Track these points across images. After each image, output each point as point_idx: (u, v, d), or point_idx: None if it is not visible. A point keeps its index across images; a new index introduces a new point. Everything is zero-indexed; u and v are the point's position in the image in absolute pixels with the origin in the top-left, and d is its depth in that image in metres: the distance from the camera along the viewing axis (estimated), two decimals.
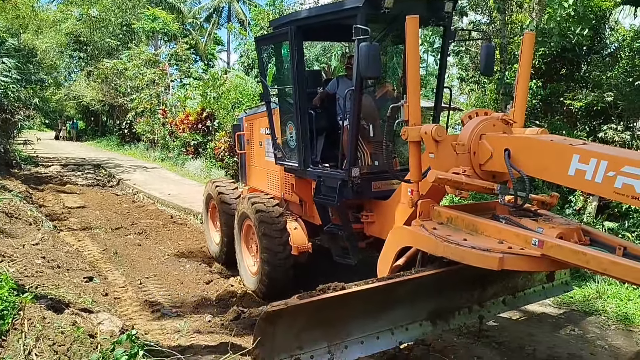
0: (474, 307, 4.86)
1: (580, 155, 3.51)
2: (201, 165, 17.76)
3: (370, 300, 4.21)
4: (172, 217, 11.53)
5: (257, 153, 7.74)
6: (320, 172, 5.92)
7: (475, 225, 4.21)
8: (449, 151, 4.40)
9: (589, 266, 3.40)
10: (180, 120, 19.90)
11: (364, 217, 5.86)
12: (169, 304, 6.38)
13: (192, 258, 8.33)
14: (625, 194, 3.23)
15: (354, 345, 4.16)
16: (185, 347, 5.12)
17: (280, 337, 3.81)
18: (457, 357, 4.90)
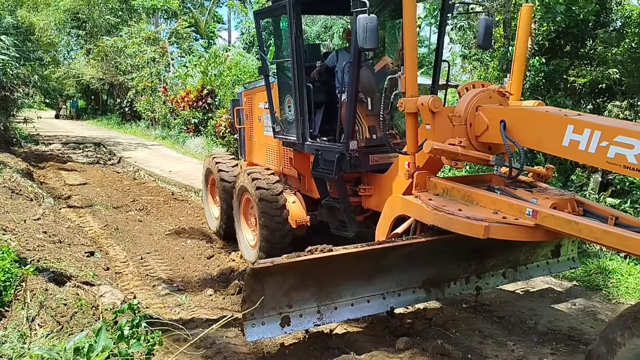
0: (471, 278, 4.96)
1: (575, 125, 3.54)
2: (202, 143, 17.70)
3: (360, 264, 4.36)
4: (173, 194, 11.52)
5: (256, 128, 7.72)
6: (319, 145, 5.91)
7: (470, 195, 4.28)
8: (445, 123, 4.44)
9: (582, 235, 3.46)
10: (180, 98, 19.79)
11: (361, 190, 5.89)
12: (170, 279, 6.39)
13: (193, 234, 8.33)
14: (618, 163, 3.27)
15: (343, 307, 4.34)
16: (186, 321, 5.14)
17: (269, 294, 3.98)
18: (458, 331, 4.91)
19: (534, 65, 10.43)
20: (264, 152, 7.47)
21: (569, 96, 10.52)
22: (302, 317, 4.19)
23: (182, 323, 5.05)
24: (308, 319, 4.22)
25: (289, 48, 5.92)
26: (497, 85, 4.66)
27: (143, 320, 3.39)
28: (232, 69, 18.32)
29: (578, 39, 10.70)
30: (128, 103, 28.15)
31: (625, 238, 3.21)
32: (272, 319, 4.09)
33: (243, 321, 4.08)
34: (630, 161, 3.20)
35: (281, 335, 4.37)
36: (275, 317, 4.11)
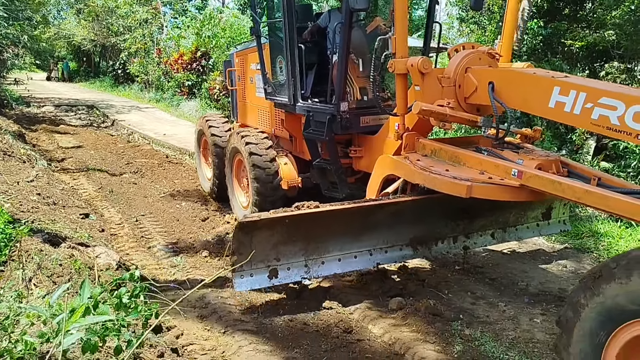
0: (459, 238, 5.10)
1: (561, 87, 3.56)
2: (196, 106, 17.55)
3: (348, 221, 4.52)
4: (167, 156, 11.48)
5: (248, 89, 7.68)
6: (310, 107, 5.90)
7: (457, 156, 4.35)
8: (434, 84, 4.46)
9: (565, 195, 3.53)
10: (174, 60, 19.51)
11: (352, 152, 5.93)
12: (166, 240, 6.42)
13: (188, 196, 8.34)
14: (601, 124, 3.32)
15: (331, 262, 4.55)
16: (182, 282, 5.17)
17: (257, 248, 4.19)
18: (450, 292, 4.98)
19: (532, 28, 10.30)
20: (256, 113, 7.44)
21: (566, 60, 10.44)
22: (290, 270, 4.42)
23: (178, 284, 5.10)
24: (295, 272, 4.44)
25: (280, 7, 5.86)
26: (487, 47, 4.66)
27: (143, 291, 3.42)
28: (226, 30, 18.02)
29: (577, 2, 10.55)
30: (121, 65, 27.74)
31: (606, 198, 3.29)
32: (260, 271, 4.32)
33: (232, 272, 4.28)
34: (613, 122, 3.25)
35: (269, 286, 4.56)
36: (263, 270, 4.34)
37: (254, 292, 4.88)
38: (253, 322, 4.36)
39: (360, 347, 4.01)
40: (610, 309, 2.76)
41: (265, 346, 4.00)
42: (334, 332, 4.19)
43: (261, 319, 4.41)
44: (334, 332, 4.18)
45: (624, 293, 2.69)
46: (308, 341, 4.07)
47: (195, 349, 3.95)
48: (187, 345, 3.98)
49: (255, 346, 3.98)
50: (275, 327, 4.29)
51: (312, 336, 4.14)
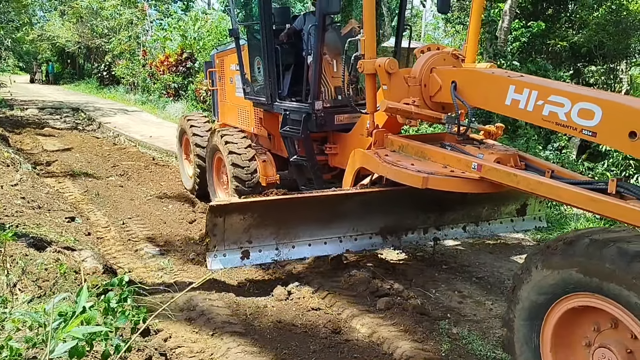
0: (430, 230, 5.32)
1: (516, 86, 3.79)
2: (182, 108, 17.48)
3: (317, 209, 4.83)
4: (153, 159, 11.42)
5: (228, 89, 7.87)
6: (287, 106, 6.12)
7: (423, 152, 4.59)
8: (401, 83, 4.72)
9: (519, 186, 3.74)
10: (160, 62, 19.42)
11: (328, 149, 6.14)
12: (153, 243, 6.39)
13: (175, 198, 8.30)
14: (551, 120, 3.54)
15: (301, 247, 4.84)
16: (169, 284, 5.15)
17: (230, 230, 4.54)
18: (438, 291, 5.02)
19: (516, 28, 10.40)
20: (236, 113, 7.64)
21: (550, 60, 10.56)
22: (261, 252, 4.72)
23: (165, 287, 5.08)
24: (266, 254, 4.74)
25: (257, 10, 6.08)
26: (451, 48, 4.92)
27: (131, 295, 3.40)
28: (211, 32, 17.98)
29: (560, 2, 10.67)
30: (106, 67, 27.53)
31: (556, 188, 3.51)
32: (233, 252, 4.63)
33: (206, 252, 4.61)
34: (561, 118, 3.46)
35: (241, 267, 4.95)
36: (236, 251, 4.65)
37: (242, 295, 4.88)
38: (241, 323, 4.36)
39: (349, 347, 4.02)
40: (530, 309, 3.09)
41: (253, 348, 4.00)
42: (322, 332, 4.19)
43: (249, 321, 4.41)
44: (322, 333, 4.18)
45: (531, 289, 3.05)
46: (296, 342, 4.07)
47: (183, 352, 3.94)
48: (175, 348, 3.96)
49: (243, 348, 3.98)
50: (264, 329, 4.29)
51: (300, 337, 4.15)
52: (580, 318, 2.96)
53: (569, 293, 2.89)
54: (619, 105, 3.21)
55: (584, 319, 2.95)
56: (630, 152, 3.27)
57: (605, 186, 3.33)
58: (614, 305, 2.68)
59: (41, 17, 32.46)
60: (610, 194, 3.27)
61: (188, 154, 8.63)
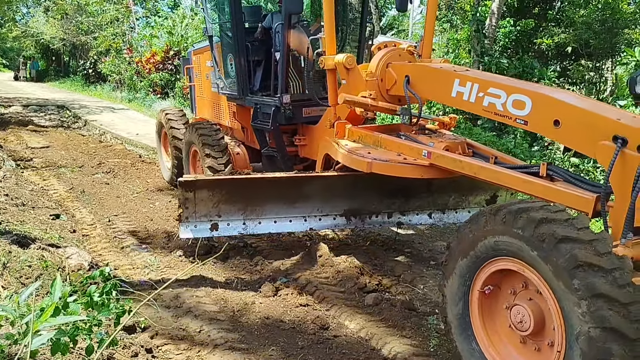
0: (394, 214, 5.52)
1: (460, 79, 4.08)
2: (169, 105, 17.33)
3: (281, 189, 5.17)
4: (140, 156, 11.32)
5: (204, 85, 8.17)
6: (257, 99, 6.41)
7: (379, 141, 4.87)
8: (359, 78, 5.04)
9: (464, 171, 4.02)
10: (146, 60, 19.27)
11: (297, 140, 6.43)
12: (139, 240, 6.32)
13: (162, 195, 8.22)
14: (490, 110, 3.84)
15: (267, 223, 5.16)
16: (156, 281, 5.10)
17: (200, 204, 4.92)
18: (426, 287, 5.01)
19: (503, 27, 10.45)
20: (212, 107, 7.99)
21: (537, 58, 10.62)
22: (229, 226, 5.06)
23: (152, 284, 5.03)
24: (234, 227, 5.08)
25: (228, 9, 6.36)
26: (407, 43, 5.25)
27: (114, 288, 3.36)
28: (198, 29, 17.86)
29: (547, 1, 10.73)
30: (92, 64, 27.25)
31: (496, 172, 3.85)
32: (203, 224, 4.99)
33: (178, 222, 4.96)
34: (498, 108, 3.76)
35: (209, 237, 5.33)
36: (205, 222, 4.99)
37: (229, 292, 4.84)
38: (228, 320, 4.32)
39: (337, 342, 4.01)
40: (460, 274, 3.46)
41: (241, 344, 3.97)
42: (311, 328, 4.17)
43: (237, 317, 4.37)
44: (310, 329, 4.16)
45: (463, 255, 3.41)
46: (284, 338, 4.05)
47: (170, 349, 3.89)
48: (161, 345, 3.91)
49: (231, 344, 3.94)
50: (251, 325, 4.25)
51: (289, 333, 4.13)
52: (501, 284, 3.34)
53: (492, 258, 3.23)
54: (545, 97, 3.54)
55: (504, 284, 3.32)
56: (555, 138, 3.65)
57: (538, 169, 3.67)
58: (524, 266, 3.03)
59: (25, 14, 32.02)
60: (541, 176, 3.62)
61: (166, 147, 8.85)
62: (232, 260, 5.61)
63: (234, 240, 6.02)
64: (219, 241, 5.95)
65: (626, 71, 8.05)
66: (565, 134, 3.43)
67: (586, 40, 9.94)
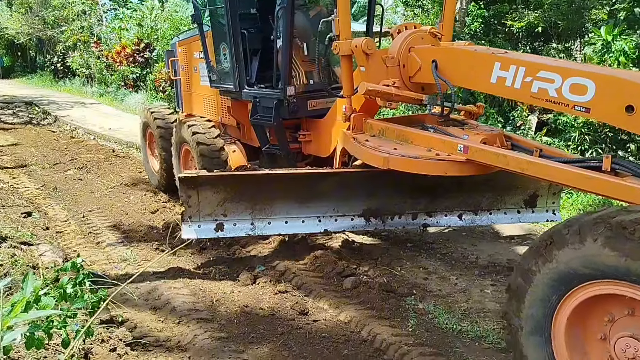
0: (419, 215, 5.14)
1: (501, 62, 3.66)
2: (142, 99, 17.07)
3: (293, 187, 4.79)
4: (113, 150, 11.16)
5: (192, 78, 7.56)
6: (256, 93, 5.89)
7: (404, 135, 4.40)
8: (379, 64, 4.49)
9: (509, 167, 3.60)
10: (116, 53, 18.91)
11: (301, 136, 5.97)
12: (115, 235, 6.25)
13: (137, 189, 8.13)
14: (540, 97, 3.45)
15: (277, 223, 4.85)
16: (132, 275, 5.04)
17: (204, 202, 4.65)
18: (403, 268, 5.06)
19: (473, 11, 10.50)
20: (202, 102, 7.35)
21: (507, 40, 10.70)
22: (236, 226, 4.79)
23: (128, 277, 4.97)
24: (241, 228, 4.80)
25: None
26: (429, 26, 4.75)
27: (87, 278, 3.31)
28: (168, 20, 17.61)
29: None
30: (60, 59, 26.63)
31: (548, 167, 3.42)
32: (207, 224, 4.73)
33: (181, 221, 4.74)
34: (551, 95, 3.38)
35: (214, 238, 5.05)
36: (210, 222, 4.74)
37: (207, 282, 4.83)
38: (207, 310, 4.32)
39: (317, 327, 4.03)
40: (563, 273, 2.74)
41: (221, 333, 3.97)
42: (290, 314, 4.19)
43: (215, 307, 4.37)
44: (289, 315, 4.18)
45: (577, 257, 2.66)
46: (264, 325, 4.06)
47: (149, 341, 3.88)
48: (140, 337, 3.89)
49: (210, 334, 3.94)
50: (230, 314, 4.26)
51: (268, 320, 4.14)
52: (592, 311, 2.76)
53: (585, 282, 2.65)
54: (615, 79, 3.13)
55: (595, 311, 2.75)
56: (627, 126, 3.17)
57: (600, 163, 3.25)
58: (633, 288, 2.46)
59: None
60: (605, 171, 3.20)
61: (153, 148, 8.23)
62: (210, 251, 5.59)
63: None
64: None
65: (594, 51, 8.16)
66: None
67: (555, 21, 10.05)
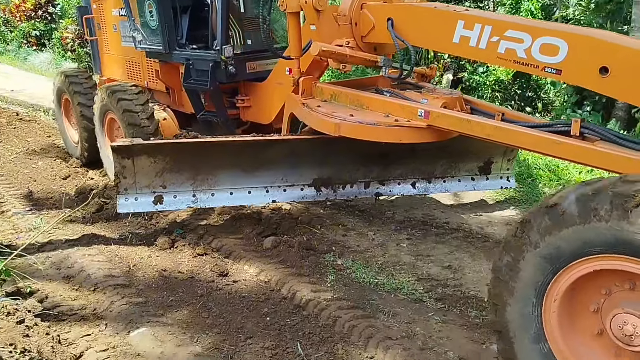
0: (372, 184, 5.01)
1: (465, 21, 3.47)
2: (48, 58, 15.98)
3: (237, 155, 4.52)
4: (17, 114, 10.38)
5: (111, 39, 6.90)
6: (189, 54, 5.48)
7: (359, 100, 4.18)
8: (331, 22, 4.24)
9: (474, 133, 3.45)
10: (15, 7, 17.49)
11: (239, 101, 5.63)
12: (22, 203, 5.91)
13: (45, 154, 7.68)
14: (507, 58, 3.30)
15: (221, 194, 4.59)
16: (43, 244, 4.85)
17: (141, 173, 4.35)
18: (323, 226, 5.13)
19: None
20: (124, 65, 6.78)
21: None
22: (176, 199, 4.51)
23: (39, 246, 4.78)
24: (182, 200, 4.53)
25: None
26: None
27: None
28: None
29: None
30: None
31: (516, 133, 3.28)
32: (145, 196, 4.44)
33: (116, 194, 4.45)
34: (519, 56, 3.23)
35: (152, 211, 4.76)
36: (148, 195, 4.44)
37: (123, 248, 4.70)
38: (124, 276, 4.22)
39: (237, 287, 4.05)
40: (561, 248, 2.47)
41: (139, 298, 3.91)
42: (209, 276, 4.18)
43: (133, 272, 4.28)
44: (209, 277, 4.18)
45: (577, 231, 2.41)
46: (183, 288, 4.03)
47: (62, 311, 3.76)
48: (52, 307, 3.76)
49: (128, 299, 3.87)
50: (148, 279, 4.19)
51: (187, 283, 4.11)
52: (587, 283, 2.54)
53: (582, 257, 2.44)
54: (589, 39, 2.98)
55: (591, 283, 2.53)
56: (600, 89, 3.04)
57: (568, 128, 3.14)
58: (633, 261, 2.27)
59: None
60: (574, 136, 3.09)
61: (70, 117, 7.49)
62: (125, 216, 5.41)
63: None
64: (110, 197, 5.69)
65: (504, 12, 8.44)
66: (616, 84, 2.87)
67: None
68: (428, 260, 4.54)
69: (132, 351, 3.32)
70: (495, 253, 2.98)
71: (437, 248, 4.74)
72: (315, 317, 3.68)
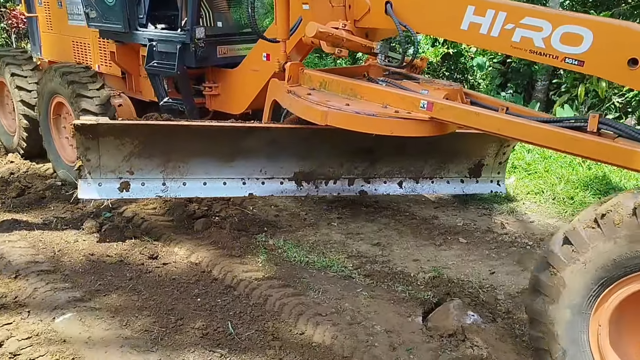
0: (356, 181, 4.79)
1: (476, 6, 3.24)
2: None
3: (213, 143, 4.21)
4: None
5: (55, 15, 6.36)
6: (153, 34, 5.11)
7: (353, 89, 3.91)
8: (324, 3, 3.99)
9: (482, 127, 3.24)
10: None
11: (207, 89, 5.32)
12: None
13: None
14: (523, 47, 3.10)
15: (193, 184, 4.30)
16: None
17: (106, 156, 4.01)
18: (255, 208, 5.16)
19: None
20: (70, 46, 6.27)
21: None
22: (144, 186, 4.20)
23: None
24: (151, 188, 4.22)
25: None
26: None
27: None
28: None
29: None
30: None
31: (527, 127, 3.07)
32: (110, 182, 4.11)
33: (78, 178, 4.10)
34: (537, 45, 3.04)
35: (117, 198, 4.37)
36: (114, 180, 4.12)
37: (47, 233, 4.55)
38: (49, 261, 4.09)
39: (167, 270, 4.03)
40: (611, 262, 2.41)
41: (64, 284, 3.81)
42: (139, 259, 4.13)
43: (58, 257, 4.16)
44: (138, 260, 4.12)
45: None
46: (111, 272, 3.96)
47: None
48: None
49: (52, 285, 3.76)
50: (75, 264, 4.09)
51: (116, 267, 4.04)
52: None
53: None
54: (617, 28, 2.80)
55: None
56: (629, 82, 2.88)
57: (585, 123, 2.92)
58: None
59: None
60: (591, 132, 2.89)
61: (5, 103, 6.68)
62: (49, 201, 5.24)
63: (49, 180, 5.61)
64: (32, 181, 5.47)
65: None
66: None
67: None
68: (358, 238, 4.67)
69: (58, 338, 3.24)
70: None
71: (367, 226, 4.88)
72: (247, 296, 3.72)
